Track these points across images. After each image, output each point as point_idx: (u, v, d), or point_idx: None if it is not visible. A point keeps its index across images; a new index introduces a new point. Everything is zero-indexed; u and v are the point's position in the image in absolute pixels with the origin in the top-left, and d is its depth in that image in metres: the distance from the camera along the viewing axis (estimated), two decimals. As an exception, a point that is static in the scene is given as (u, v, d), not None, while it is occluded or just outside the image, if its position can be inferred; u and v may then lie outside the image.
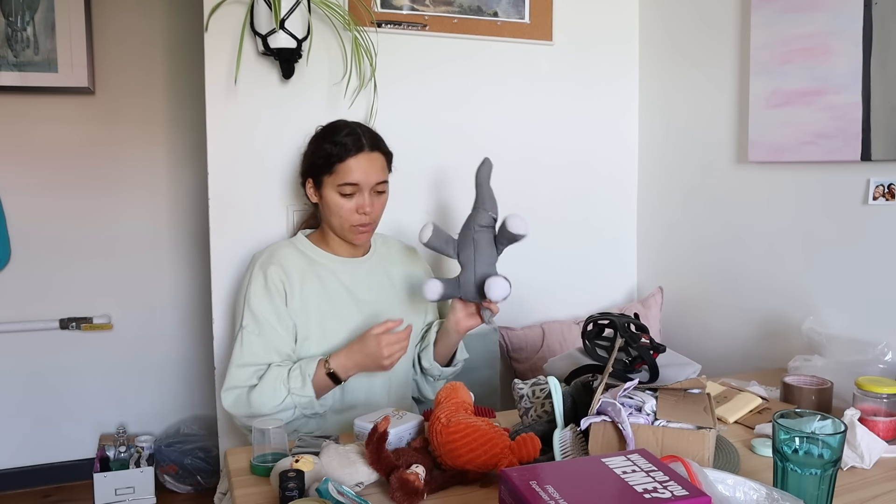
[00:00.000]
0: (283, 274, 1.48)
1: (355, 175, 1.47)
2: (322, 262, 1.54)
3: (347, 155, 1.46)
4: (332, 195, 1.49)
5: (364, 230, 1.52)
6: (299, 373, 1.40)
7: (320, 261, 1.54)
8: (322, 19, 1.79)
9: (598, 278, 2.25)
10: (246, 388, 1.42)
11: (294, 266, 1.51)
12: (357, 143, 1.47)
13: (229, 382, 1.44)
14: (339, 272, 1.55)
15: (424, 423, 1.20)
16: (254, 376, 1.43)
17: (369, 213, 1.49)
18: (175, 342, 2.77)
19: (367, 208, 1.48)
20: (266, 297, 1.46)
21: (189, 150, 2.69)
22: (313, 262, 1.54)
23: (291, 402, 1.39)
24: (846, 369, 1.40)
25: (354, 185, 1.47)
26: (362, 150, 1.47)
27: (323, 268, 1.54)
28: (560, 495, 0.72)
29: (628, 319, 1.19)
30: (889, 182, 1.49)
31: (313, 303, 1.49)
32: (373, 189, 1.49)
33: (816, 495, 0.88)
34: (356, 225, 1.50)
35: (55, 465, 2.67)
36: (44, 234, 2.57)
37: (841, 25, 1.55)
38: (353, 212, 1.48)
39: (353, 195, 1.48)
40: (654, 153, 2.21)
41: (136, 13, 2.60)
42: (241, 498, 1.05)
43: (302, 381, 1.39)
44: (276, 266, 1.49)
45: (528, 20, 2.04)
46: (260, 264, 1.51)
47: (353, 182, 1.46)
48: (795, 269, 1.73)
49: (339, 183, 1.47)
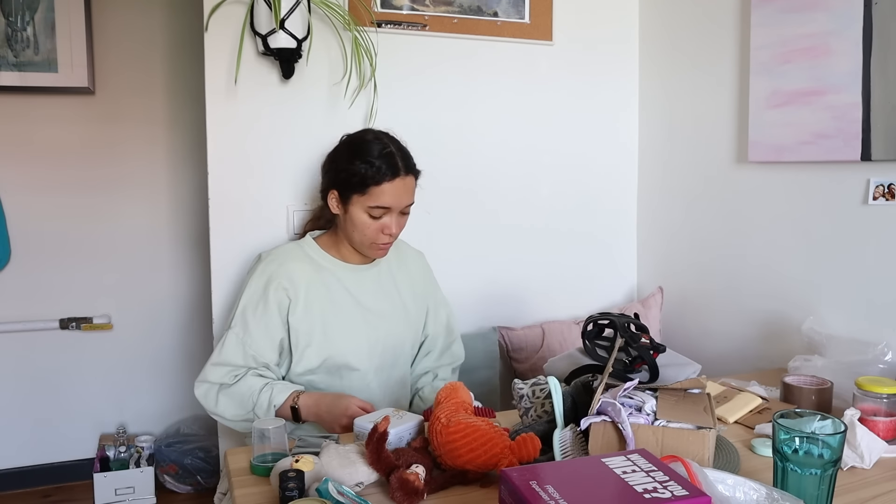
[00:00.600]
0: (289, 283, 1.48)
1: (388, 200, 1.45)
2: (329, 267, 1.54)
3: (383, 180, 1.43)
4: (359, 214, 1.46)
5: (385, 247, 1.51)
6: (268, 398, 1.42)
7: (328, 266, 1.53)
8: (322, 19, 1.79)
9: (598, 278, 2.25)
10: (217, 386, 1.46)
11: (300, 274, 1.50)
12: (393, 167, 1.44)
13: (203, 376, 1.48)
14: (346, 279, 1.54)
15: (424, 423, 1.20)
16: (227, 376, 1.45)
17: (394, 233, 1.49)
18: (175, 342, 2.77)
19: (392, 229, 1.47)
20: (261, 306, 1.46)
21: (189, 150, 2.69)
22: (320, 269, 1.53)
23: (252, 420, 1.42)
24: (846, 369, 1.40)
25: (386, 208, 1.46)
26: (398, 175, 1.44)
27: (330, 274, 1.53)
28: (560, 495, 0.72)
29: (628, 319, 1.19)
30: (889, 182, 1.49)
31: (318, 309, 1.49)
32: (400, 210, 1.49)
33: (816, 495, 0.88)
34: (378, 243, 1.49)
35: (55, 465, 2.67)
36: (44, 234, 2.57)
37: (841, 25, 1.55)
38: (378, 231, 1.47)
39: (382, 217, 1.47)
40: (654, 153, 2.21)
41: (136, 13, 2.60)
42: (241, 498, 1.05)
43: (268, 406, 1.42)
44: (282, 277, 1.48)
45: (528, 20, 2.04)
46: (264, 269, 1.50)
47: (386, 206, 1.45)
48: (795, 269, 1.73)
49: (371, 205, 1.45)
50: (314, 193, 1.85)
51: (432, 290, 1.70)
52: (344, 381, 1.51)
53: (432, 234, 1.96)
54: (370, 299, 1.55)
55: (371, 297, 1.55)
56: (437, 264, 1.76)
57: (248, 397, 1.43)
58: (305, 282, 1.49)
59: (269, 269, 1.49)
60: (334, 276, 1.53)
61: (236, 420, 1.45)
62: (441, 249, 1.96)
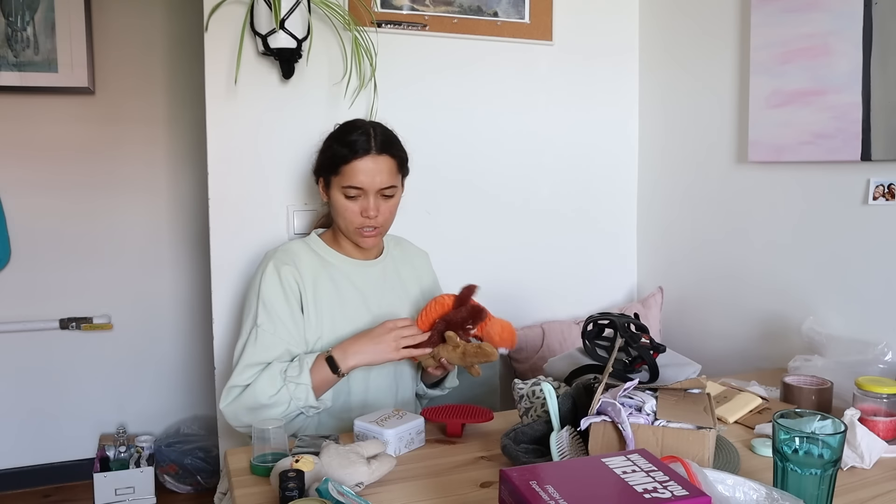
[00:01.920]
0: (298, 274, 1.47)
1: (359, 178, 1.43)
2: (335, 263, 1.53)
3: (353, 157, 1.43)
4: (337, 196, 1.47)
5: (369, 234, 1.49)
6: (297, 363, 1.37)
7: (333, 262, 1.53)
8: (322, 19, 1.79)
9: (598, 278, 2.25)
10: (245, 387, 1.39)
11: (308, 267, 1.49)
12: (365, 145, 1.43)
13: (235, 381, 1.38)
14: (352, 274, 1.54)
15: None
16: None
17: (374, 217, 1.46)
18: (175, 342, 2.77)
19: (371, 212, 1.45)
20: (282, 297, 1.44)
21: (189, 150, 2.69)
22: (327, 264, 1.53)
23: (287, 395, 1.34)
24: (846, 369, 1.40)
25: (358, 188, 1.44)
26: (369, 153, 1.43)
27: (336, 269, 1.53)
28: (560, 495, 0.72)
29: (628, 319, 1.19)
30: (889, 182, 1.49)
31: (325, 305, 1.48)
32: (379, 193, 1.46)
33: (816, 495, 0.88)
34: (359, 227, 1.47)
35: (55, 465, 2.67)
36: (44, 234, 2.57)
37: (841, 25, 1.55)
38: (357, 214, 1.46)
39: (358, 198, 1.46)
40: (654, 153, 2.21)
41: (137, 13, 2.60)
42: (241, 498, 1.05)
43: (300, 369, 1.35)
44: (292, 266, 1.47)
45: (528, 20, 2.04)
46: (274, 262, 1.48)
47: (357, 185, 1.44)
48: (795, 268, 1.73)
49: (344, 185, 1.45)
50: (314, 193, 1.85)
51: (437, 290, 1.71)
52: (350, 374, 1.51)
53: (432, 234, 1.96)
54: (376, 295, 1.55)
55: (377, 294, 1.56)
56: (437, 264, 1.76)
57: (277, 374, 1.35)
58: (313, 276, 1.49)
59: (280, 264, 1.48)
60: (340, 272, 1.53)
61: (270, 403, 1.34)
62: (440, 249, 1.95)
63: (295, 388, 1.35)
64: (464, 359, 1.37)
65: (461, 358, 1.37)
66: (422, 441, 1.23)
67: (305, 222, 1.84)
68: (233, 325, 1.81)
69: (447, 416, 1.26)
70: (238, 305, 1.80)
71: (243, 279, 1.80)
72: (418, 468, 1.13)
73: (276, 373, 1.37)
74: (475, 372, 1.39)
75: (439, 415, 1.27)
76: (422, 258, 1.71)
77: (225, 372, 1.82)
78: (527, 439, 1.12)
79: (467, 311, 1.40)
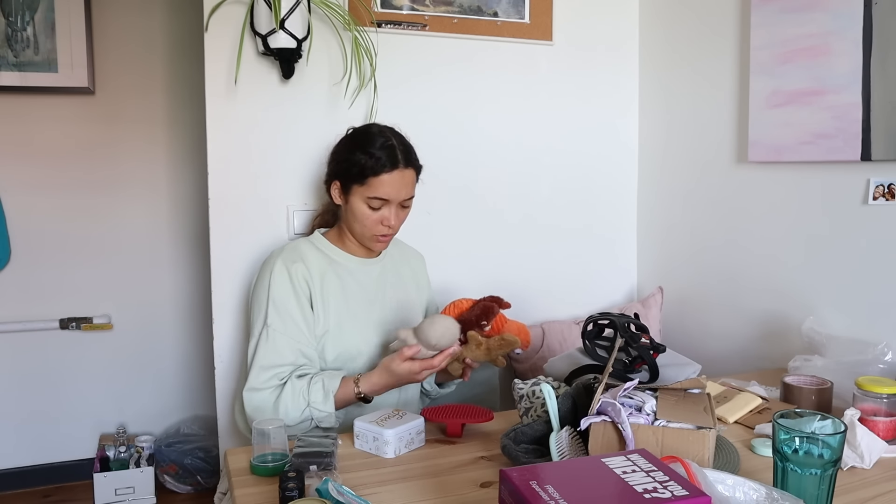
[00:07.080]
0: (307, 271, 1.49)
1: (386, 191, 1.46)
2: (340, 261, 1.55)
3: (382, 170, 1.44)
4: (359, 204, 1.48)
5: (384, 240, 1.53)
6: (321, 387, 1.39)
7: (339, 260, 1.55)
8: (322, 19, 1.79)
9: (598, 278, 2.25)
10: (268, 391, 1.40)
11: (316, 265, 1.51)
12: (392, 159, 1.45)
13: (253, 383, 1.41)
14: (357, 272, 1.56)
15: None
16: (275, 378, 1.41)
17: (393, 225, 1.50)
18: (175, 342, 2.77)
19: (391, 221, 1.49)
20: (293, 294, 1.46)
21: (189, 150, 2.69)
22: (332, 262, 1.54)
23: (309, 415, 1.38)
24: (846, 369, 1.40)
25: (384, 200, 1.47)
26: (397, 167, 1.46)
27: (342, 267, 1.55)
28: (560, 495, 0.72)
29: (628, 319, 1.19)
30: (889, 182, 1.49)
31: (332, 302, 1.50)
32: (400, 203, 1.49)
33: (816, 495, 0.88)
34: (377, 234, 1.51)
35: (55, 465, 2.67)
36: (44, 234, 2.57)
37: (841, 25, 1.55)
38: (377, 223, 1.49)
39: (381, 208, 1.48)
40: (654, 153, 2.21)
41: (136, 13, 2.60)
42: (241, 498, 1.05)
43: (324, 396, 1.38)
44: (301, 263, 1.49)
45: (528, 20, 2.04)
46: (283, 260, 1.49)
47: (383, 197, 1.46)
48: (795, 269, 1.73)
49: (370, 196, 1.46)
50: (314, 193, 1.85)
51: (430, 291, 1.74)
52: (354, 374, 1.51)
53: (432, 234, 1.96)
54: (378, 292, 1.58)
55: (379, 291, 1.58)
56: (437, 263, 1.76)
57: (299, 396, 1.38)
58: (320, 273, 1.51)
59: (289, 262, 1.49)
60: (346, 270, 1.55)
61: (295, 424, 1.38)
62: (440, 249, 1.96)
63: (318, 413, 1.38)
64: (489, 353, 1.39)
65: (486, 353, 1.39)
66: (422, 441, 1.23)
67: (305, 222, 1.84)
68: (233, 326, 1.81)
69: (447, 416, 1.26)
70: (238, 305, 1.81)
71: (243, 279, 1.80)
72: (418, 468, 1.13)
73: (298, 395, 1.39)
74: (501, 363, 1.41)
75: (439, 415, 1.27)
76: (418, 260, 1.73)
77: (225, 372, 1.82)
78: (527, 439, 1.12)
79: (479, 309, 1.42)
